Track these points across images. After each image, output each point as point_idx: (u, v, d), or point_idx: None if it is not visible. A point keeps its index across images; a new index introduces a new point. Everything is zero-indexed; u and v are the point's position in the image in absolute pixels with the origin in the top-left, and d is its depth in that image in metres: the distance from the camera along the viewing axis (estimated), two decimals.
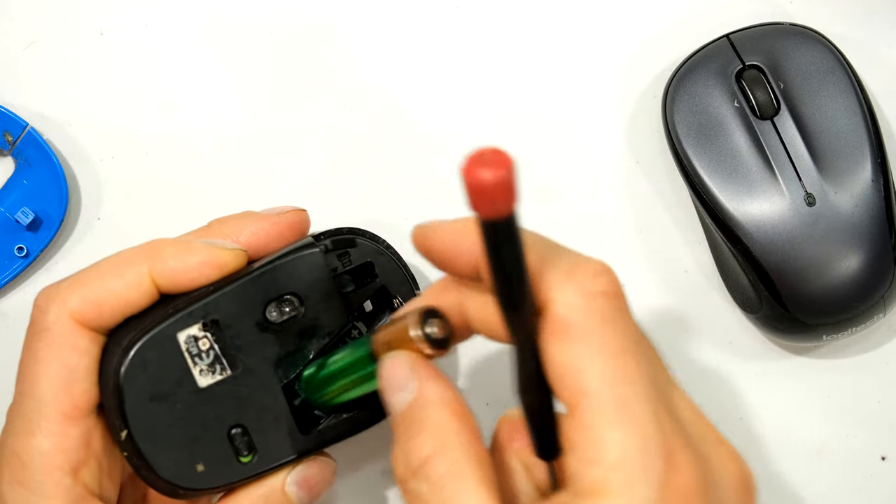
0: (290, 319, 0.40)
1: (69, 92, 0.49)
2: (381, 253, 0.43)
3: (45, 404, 0.38)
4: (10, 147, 0.48)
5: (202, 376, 0.39)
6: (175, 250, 0.39)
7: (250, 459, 0.39)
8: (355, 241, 0.42)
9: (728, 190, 0.45)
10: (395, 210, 0.49)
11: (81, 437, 0.38)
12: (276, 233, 0.42)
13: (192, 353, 0.39)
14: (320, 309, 0.41)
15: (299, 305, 0.40)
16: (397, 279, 0.43)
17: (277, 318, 0.40)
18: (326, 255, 0.41)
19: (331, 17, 0.50)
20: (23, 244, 0.48)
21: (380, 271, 0.43)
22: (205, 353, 0.39)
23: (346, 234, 0.42)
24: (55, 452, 0.38)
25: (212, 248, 0.40)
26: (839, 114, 0.46)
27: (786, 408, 0.48)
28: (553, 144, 0.49)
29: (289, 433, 0.40)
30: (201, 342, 0.39)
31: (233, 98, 0.49)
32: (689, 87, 0.47)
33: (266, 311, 0.40)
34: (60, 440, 0.38)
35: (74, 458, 0.38)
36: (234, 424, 0.39)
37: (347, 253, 0.42)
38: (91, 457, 0.39)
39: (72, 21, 0.49)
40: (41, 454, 0.38)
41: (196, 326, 0.39)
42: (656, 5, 0.49)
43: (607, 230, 0.49)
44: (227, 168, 0.49)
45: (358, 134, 0.49)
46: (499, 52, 0.49)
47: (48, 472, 0.38)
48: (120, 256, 0.40)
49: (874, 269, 0.45)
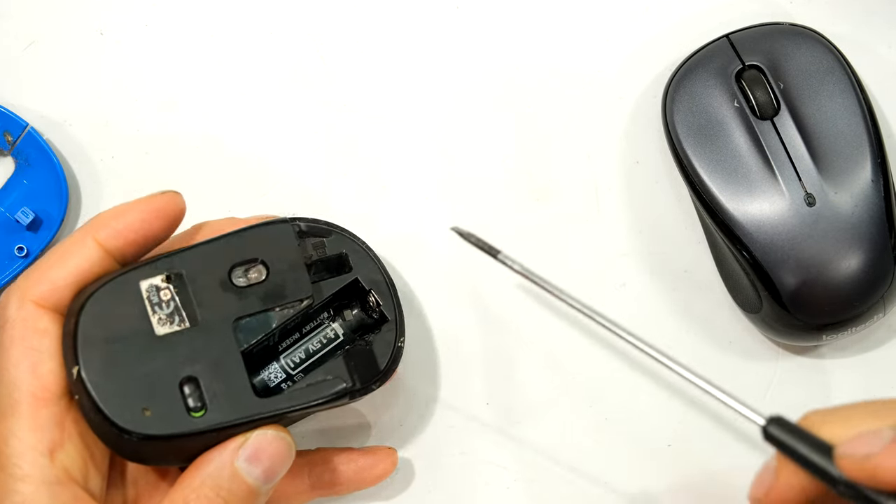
0: (254, 285, 0.41)
1: (69, 92, 0.49)
2: (357, 249, 0.43)
3: (15, 388, 0.38)
4: (10, 147, 0.48)
5: (160, 325, 0.39)
6: (113, 211, 0.40)
7: (201, 415, 0.39)
8: (331, 232, 0.43)
9: (728, 190, 0.45)
10: (395, 210, 0.49)
11: (53, 418, 0.38)
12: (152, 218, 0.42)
13: (152, 302, 0.39)
14: (286, 279, 0.41)
15: (265, 273, 0.41)
16: (372, 274, 0.43)
17: (242, 282, 0.41)
18: (301, 236, 0.42)
19: (331, 17, 0.50)
20: (23, 244, 0.48)
21: (354, 265, 0.43)
22: (165, 304, 0.40)
23: (323, 224, 0.43)
24: (27, 432, 0.38)
25: (147, 196, 0.41)
26: (839, 114, 0.46)
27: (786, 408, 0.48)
28: (553, 144, 0.49)
29: (242, 393, 0.40)
30: (163, 293, 0.40)
31: (233, 98, 0.49)
32: (689, 87, 0.47)
33: (231, 274, 0.41)
34: (32, 421, 0.38)
35: (48, 438, 0.38)
36: (188, 377, 0.39)
37: (322, 242, 0.43)
38: (67, 440, 0.39)
39: (72, 21, 0.49)
40: (13, 435, 0.38)
41: (160, 277, 0.40)
42: (656, 5, 0.49)
43: (607, 230, 0.49)
44: (227, 168, 0.49)
45: (358, 134, 0.49)
46: (499, 52, 0.49)
47: (21, 453, 0.38)
48: (67, 238, 0.41)
49: (874, 269, 0.45)
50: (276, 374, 0.42)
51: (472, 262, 0.49)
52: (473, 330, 0.48)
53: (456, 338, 0.48)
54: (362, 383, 0.42)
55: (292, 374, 0.42)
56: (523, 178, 0.49)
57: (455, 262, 0.48)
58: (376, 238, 0.49)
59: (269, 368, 0.42)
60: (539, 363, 0.48)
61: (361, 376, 0.42)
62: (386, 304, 0.43)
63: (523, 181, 0.49)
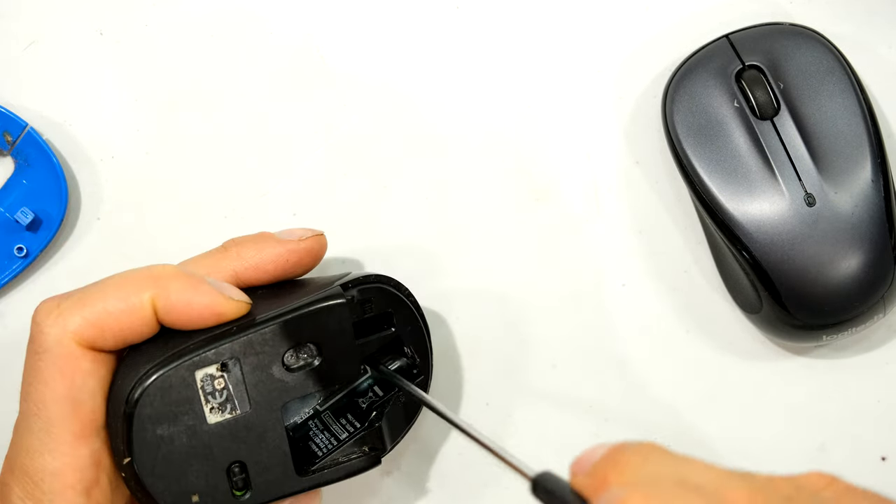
0: (305, 366, 0.41)
1: (69, 92, 0.49)
2: (401, 302, 0.43)
3: (54, 425, 0.38)
4: (9, 147, 0.48)
5: (212, 414, 0.39)
6: (181, 286, 0.39)
7: (243, 495, 0.40)
8: (381, 290, 0.43)
9: (728, 190, 0.45)
10: (395, 210, 0.49)
11: (91, 457, 0.39)
12: (296, 259, 0.42)
13: (205, 391, 0.39)
14: (337, 360, 0.41)
15: (317, 354, 0.41)
16: (413, 328, 0.43)
17: (294, 363, 0.41)
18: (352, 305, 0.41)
19: (331, 17, 0.50)
20: (23, 244, 0.48)
21: (397, 320, 0.43)
22: (218, 393, 0.40)
23: (373, 282, 0.42)
24: (67, 472, 0.38)
25: (217, 296, 0.39)
26: (839, 114, 0.46)
27: (786, 408, 0.48)
28: (553, 144, 0.49)
29: (284, 473, 0.40)
30: (217, 381, 0.39)
31: (233, 98, 0.49)
32: (689, 87, 0.47)
33: (284, 356, 0.40)
34: (71, 460, 0.38)
35: (86, 477, 0.38)
36: (235, 461, 0.40)
37: (370, 299, 0.43)
38: (102, 475, 0.39)
39: (72, 21, 0.49)
40: (52, 474, 0.38)
41: (215, 366, 0.39)
42: (656, 5, 0.49)
43: (607, 230, 0.49)
44: (227, 168, 0.49)
45: (358, 134, 0.49)
46: (499, 52, 0.49)
47: (60, 492, 0.38)
48: (124, 278, 0.40)
49: (874, 269, 0.45)
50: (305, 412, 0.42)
51: (472, 262, 0.49)
52: (473, 330, 0.48)
53: (455, 338, 0.48)
54: (392, 440, 0.43)
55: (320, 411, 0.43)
56: (523, 178, 0.49)
57: (455, 262, 0.49)
58: (376, 238, 0.49)
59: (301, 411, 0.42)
60: (539, 364, 0.48)
61: (391, 433, 0.43)
62: (421, 360, 0.44)
63: (523, 181, 0.49)
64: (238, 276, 0.41)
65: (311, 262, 0.43)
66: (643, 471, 0.32)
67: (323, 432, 0.42)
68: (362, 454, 0.42)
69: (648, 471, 0.32)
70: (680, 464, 0.33)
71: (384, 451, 0.43)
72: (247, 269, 0.41)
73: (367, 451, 0.42)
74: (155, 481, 0.39)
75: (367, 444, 0.42)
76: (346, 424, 0.43)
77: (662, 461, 0.33)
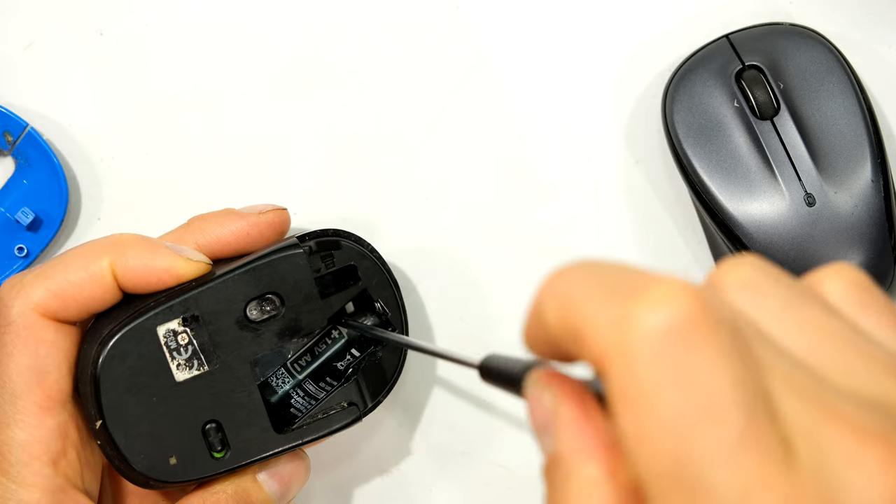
0: (269, 318, 0.41)
1: (69, 92, 0.49)
2: (365, 256, 0.43)
3: (19, 397, 0.39)
4: (10, 147, 0.48)
5: (179, 371, 0.39)
6: (139, 250, 0.40)
7: (223, 455, 0.40)
8: (340, 244, 0.42)
9: (728, 190, 0.45)
10: (395, 210, 0.49)
11: (58, 428, 0.39)
12: (257, 232, 0.42)
13: (170, 348, 0.39)
14: (301, 310, 0.41)
15: (280, 305, 0.41)
16: (380, 283, 0.43)
17: (258, 316, 0.41)
18: (310, 256, 0.41)
19: (331, 17, 0.50)
20: (23, 244, 0.48)
21: (362, 274, 0.43)
22: (183, 348, 0.39)
23: (331, 235, 0.42)
24: (32, 443, 0.38)
25: (176, 257, 0.40)
26: (839, 114, 0.46)
27: None
28: (553, 144, 0.49)
29: (262, 431, 0.40)
30: (180, 337, 0.39)
31: (233, 98, 0.49)
32: (689, 87, 0.47)
33: (246, 309, 0.40)
34: (37, 431, 0.38)
35: (53, 448, 0.39)
36: (209, 420, 0.40)
37: (331, 255, 0.42)
38: (70, 447, 0.39)
39: (72, 21, 0.49)
40: (19, 445, 0.38)
41: (176, 321, 0.39)
42: (656, 5, 0.49)
43: (607, 230, 0.49)
44: (227, 168, 0.49)
45: (358, 134, 0.49)
46: (498, 52, 0.49)
47: (27, 463, 0.38)
48: (84, 247, 0.40)
49: (874, 269, 0.45)
50: (284, 380, 0.42)
51: (472, 261, 0.49)
52: (474, 329, 0.48)
53: (456, 336, 0.48)
54: (372, 399, 0.43)
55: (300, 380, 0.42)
56: (523, 177, 0.49)
57: (456, 261, 0.49)
58: (377, 238, 0.49)
59: (278, 376, 0.42)
60: None
61: (372, 392, 0.43)
62: (393, 312, 0.43)
63: (523, 181, 0.49)
64: (200, 249, 0.42)
65: (272, 236, 0.43)
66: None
67: (304, 398, 0.42)
68: (340, 409, 0.42)
69: None
70: None
71: (365, 407, 0.42)
72: (208, 241, 0.42)
73: (346, 406, 0.42)
74: (129, 443, 0.39)
75: (346, 400, 0.42)
76: (325, 386, 0.43)
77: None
